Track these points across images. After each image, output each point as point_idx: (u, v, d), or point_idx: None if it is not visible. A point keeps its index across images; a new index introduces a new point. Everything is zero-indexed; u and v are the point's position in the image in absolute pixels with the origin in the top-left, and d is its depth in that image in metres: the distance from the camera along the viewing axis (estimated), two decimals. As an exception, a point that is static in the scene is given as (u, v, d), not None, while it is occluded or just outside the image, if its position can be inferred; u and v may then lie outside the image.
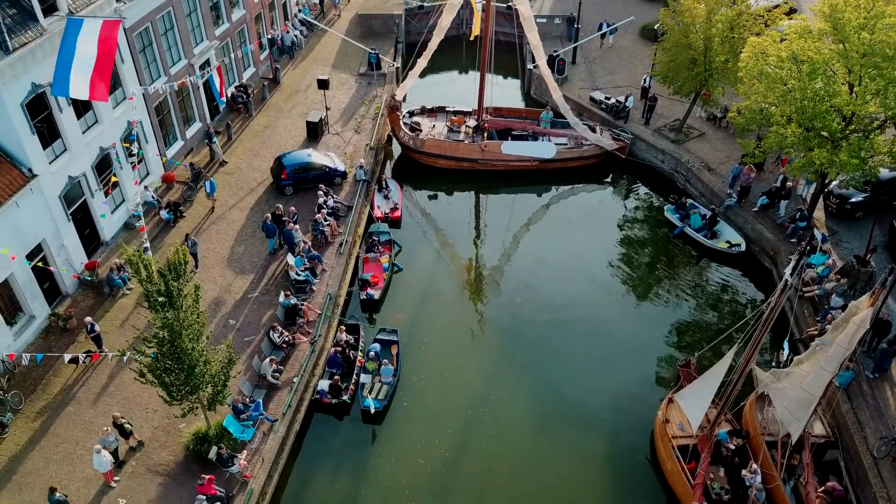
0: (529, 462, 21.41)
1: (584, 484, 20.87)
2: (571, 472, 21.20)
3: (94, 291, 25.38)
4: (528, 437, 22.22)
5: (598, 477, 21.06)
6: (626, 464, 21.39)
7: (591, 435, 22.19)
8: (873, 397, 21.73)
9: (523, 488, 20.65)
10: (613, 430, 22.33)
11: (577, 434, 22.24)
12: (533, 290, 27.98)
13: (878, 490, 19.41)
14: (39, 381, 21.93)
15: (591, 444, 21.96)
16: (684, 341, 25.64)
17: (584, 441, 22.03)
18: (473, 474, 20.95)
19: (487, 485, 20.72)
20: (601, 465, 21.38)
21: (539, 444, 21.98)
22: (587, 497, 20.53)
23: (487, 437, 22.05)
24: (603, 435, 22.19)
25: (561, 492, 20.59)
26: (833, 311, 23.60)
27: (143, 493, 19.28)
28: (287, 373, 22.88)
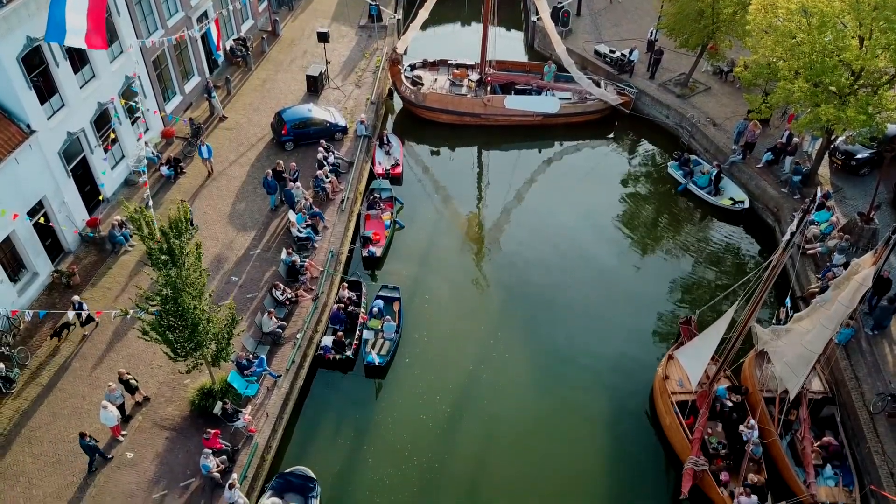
0: (530, 418, 21.70)
1: (583, 439, 21.19)
2: (571, 427, 21.50)
3: (96, 248, 25.41)
4: (529, 392, 22.48)
5: (598, 432, 21.37)
6: (625, 419, 21.69)
7: (591, 391, 22.45)
8: (872, 354, 21.89)
9: (524, 444, 20.98)
10: (613, 387, 22.57)
11: (578, 390, 22.49)
12: (535, 246, 27.97)
13: (872, 444, 19.70)
14: (45, 337, 22.12)
15: (591, 399, 22.22)
16: (685, 298, 25.73)
17: (583, 397, 22.30)
18: (474, 430, 21.27)
19: (488, 440, 21.04)
20: (601, 420, 21.67)
21: (539, 400, 22.25)
22: (587, 451, 20.86)
23: (488, 392, 22.32)
24: (603, 391, 22.44)
25: (561, 447, 20.91)
26: (835, 268, 23.61)
27: (150, 446, 19.63)
28: (290, 329, 23.04)
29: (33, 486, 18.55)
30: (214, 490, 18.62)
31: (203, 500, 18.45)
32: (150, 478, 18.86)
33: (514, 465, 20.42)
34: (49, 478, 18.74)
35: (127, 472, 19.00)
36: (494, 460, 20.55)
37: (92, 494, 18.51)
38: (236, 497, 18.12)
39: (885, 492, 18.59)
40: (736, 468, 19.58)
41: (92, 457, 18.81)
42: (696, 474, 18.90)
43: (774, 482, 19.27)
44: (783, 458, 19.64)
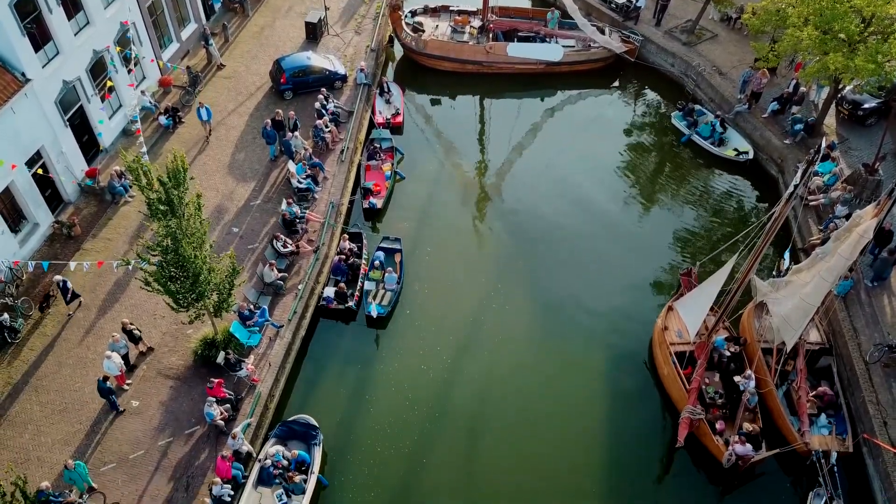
0: (529, 367, 21.95)
1: (581, 388, 21.47)
2: (570, 376, 21.76)
3: (96, 199, 25.34)
4: (529, 343, 22.69)
5: (596, 382, 21.62)
6: (623, 369, 21.93)
7: (590, 341, 22.65)
8: (870, 305, 21.98)
9: (523, 393, 21.28)
10: (612, 337, 22.76)
11: (577, 340, 22.69)
12: (536, 196, 27.85)
13: (867, 394, 19.95)
14: (47, 288, 22.25)
15: (590, 350, 22.44)
16: (686, 250, 25.73)
17: (582, 347, 22.51)
18: (474, 379, 21.54)
19: (488, 389, 21.33)
20: (599, 370, 21.91)
21: (539, 350, 22.46)
22: (585, 400, 21.16)
23: (489, 343, 22.53)
24: (602, 341, 22.64)
25: (559, 396, 21.21)
26: (837, 220, 23.52)
27: (155, 395, 19.94)
28: (291, 280, 23.14)
29: (41, 433, 18.92)
30: (219, 437, 19.00)
31: (207, 446, 18.83)
32: (156, 425, 19.22)
33: (513, 414, 20.75)
34: (56, 425, 19.10)
35: (133, 419, 19.35)
36: (494, 409, 20.86)
37: (100, 440, 18.88)
38: (240, 444, 18.50)
39: (877, 440, 18.92)
40: (732, 417, 19.88)
41: (111, 400, 19.13)
42: (693, 423, 19.20)
43: (769, 431, 19.59)
44: (778, 407, 19.92)
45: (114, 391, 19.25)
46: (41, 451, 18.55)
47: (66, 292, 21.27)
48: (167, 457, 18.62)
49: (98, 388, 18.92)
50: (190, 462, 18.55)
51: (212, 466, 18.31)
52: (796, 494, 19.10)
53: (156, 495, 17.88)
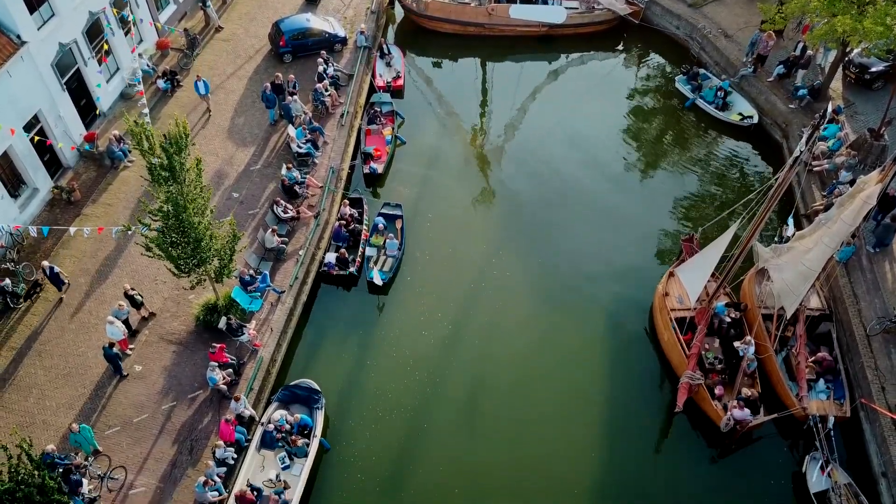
0: (530, 333, 22.03)
1: (582, 354, 21.57)
2: (570, 342, 21.86)
3: (95, 164, 25.19)
4: (529, 309, 22.74)
5: (596, 347, 21.71)
6: (623, 335, 22.00)
7: (591, 307, 22.68)
8: (871, 271, 21.94)
9: (523, 359, 21.38)
10: (613, 304, 22.79)
11: (578, 306, 22.73)
12: (538, 162, 27.66)
13: (866, 360, 20.04)
14: (48, 253, 22.26)
15: (591, 316, 22.49)
16: (688, 215, 25.62)
17: (583, 313, 22.56)
18: (475, 346, 21.63)
19: (488, 356, 21.43)
20: (600, 335, 21.99)
21: (539, 316, 22.52)
22: (585, 366, 21.27)
23: (489, 310, 22.56)
24: (603, 308, 22.68)
25: (560, 361, 21.32)
26: (841, 185, 23.38)
27: (158, 360, 20.07)
28: (292, 245, 23.12)
29: (46, 397, 19.10)
30: (221, 401, 19.17)
31: (211, 410, 19.02)
32: (159, 390, 19.38)
33: (513, 379, 20.88)
34: (61, 389, 19.27)
35: (136, 383, 19.51)
36: (494, 375, 20.99)
37: (104, 404, 19.07)
38: (242, 408, 18.67)
39: (874, 405, 19.05)
40: (731, 383, 20.00)
41: (116, 365, 19.28)
42: (692, 388, 19.33)
43: (768, 396, 19.72)
44: (777, 372, 20.03)
45: (120, 356, 19.37)
46: (46, 415, 18.74)
47: (55, 279, 20.94)
48: (171, 420, 18.82)
49: (105, 355, 19.03)
50: (193, 426, 18.76)
51: (215, 430, 18.51)
52: (793, 458, 19.30)
53: (160, 458, 18.11)
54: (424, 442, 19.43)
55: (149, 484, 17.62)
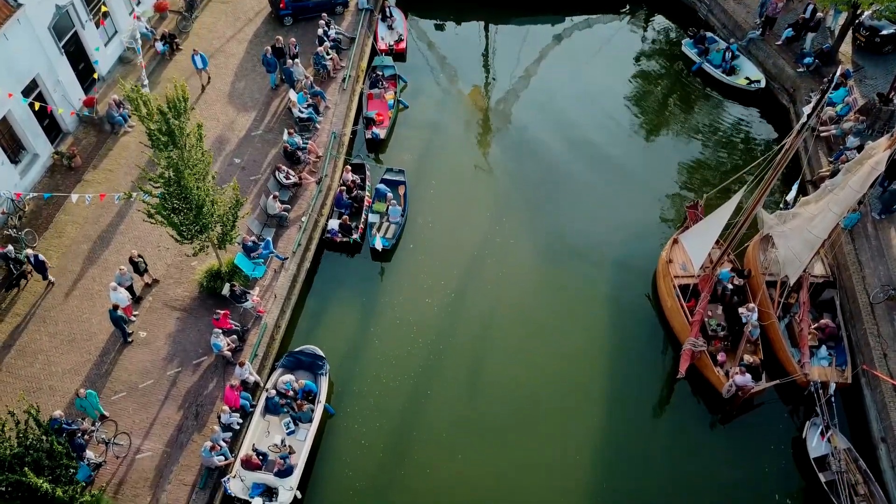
0: (532, 300, 22.03)
1: (584, 321, 21.60)
2: (573, 309, 21.87)
3: (95, 129, 24.97)
4: (532, 276, 22.71)
5: (599, 314, 21.73)
6: (626, 302, 21.99)
7: (594, 274, 22.65)
8: (877, 238, 21.83)
9: (526, 326, 21.41)
10: (616, 270, 22.75)
11: (581, 273, 22.69)
12: (542, 126, 27.40)
13: (868, 327, 20.06)
14: (50, 219, 22.20)
15: (594, 282, 22.46)
16: (693, 182, 25.44)
17: (586, 280, 22.52)
18: (478, 314, 21.64)
19: (491, 323, 21.46)
20: (602, 302, 21.99)
21: (543, 284, 22.50)
22: (587, 333, 21.32)
23: (492, 276, 22.53)
24: (606, 274, 22.64)
25: (562, 329, 21.35)
26: (848, 151, 23.14)
27: (162, 326, 20.13)
28: (295, 212, 23.03)
29: (51, 362, 19.21)
30: (226, 367, 19.28)
31: (216, 376, 19.14)
32: (164, 356, 19.47)
33: (516, 345, 20.95)
34: (66, 355, 19.37)
35: (141, 350, 19.60)
36: (496, 341, 21.05)
37: (109, 370, 19.19)
38: (247, 374, 18.79)
39: (876, 371, 19.12)
40: (733, 350, 20.05)
41: (122, 329, 19.35)
42: (694, 355, 19.39)
43: (770, 363, 19.80)
44: (780, 339, 20.06)
45: (125, 320, 19.42)
46: (52, 381, 18.87)
47: (40, 267, 20.46)
48: (176, 386, 18.95)
49: (110, 318, 19.08)
50: (199, 391, 18.89)
51: (220, 395, 18.65)
52: (793, 424, 19.45)
53: (166, 423, 18.28)
54: (428, 407, 19.58)
55: (155, 448, 17.82)
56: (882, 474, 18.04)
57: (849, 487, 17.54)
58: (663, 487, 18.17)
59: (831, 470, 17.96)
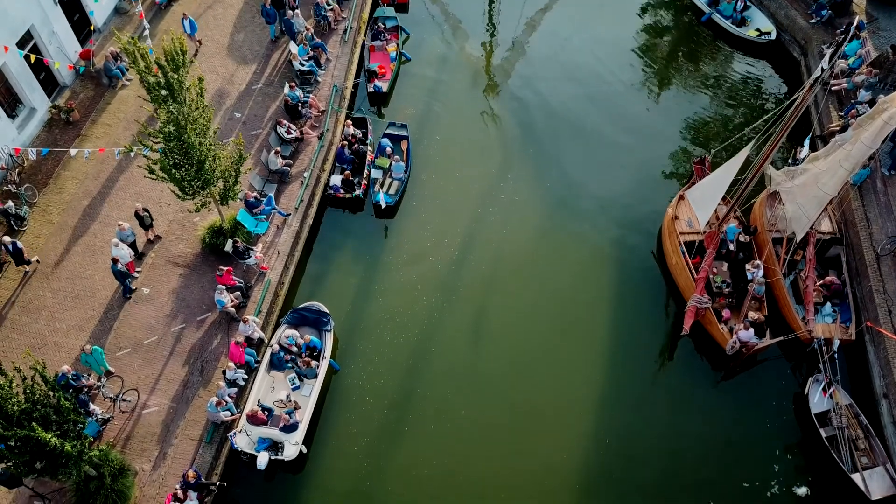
0: (537, 257, 21.93)
1: (589, 278, 21.52)
2: (578, 265, 21.78)
3: (92, 82, 24.51)
4: (537, 232, 22.55)
5: (604, 271, 21.65)
6: (631, 259, 21.89)
7: (598, 231, 22.50)
8: (885, 194, 21.60)
9: (530, 282, 21.36)
10: (621, 227, 22.59)
11: (586, 230, 22.54)
12: (547, 79, 26.89)
13: (874, 283, 19.99)
14: (50, 174, 21.95)
15: (599, 240, 22.32)
16: (700, 137, 25.08)
17: (591, 237, 22.38)
18: (482, 271, 21.54)
19: (496, 280, 21.38)
20: (607, 259, 21.89)
21: (547, 239, 22.37)
22: (592, 290, 21.26)
23: (497, 234, 22.37)
24: (611, 231, 22.49)
25: (567, 284, 21.31)
26: (859, 105, 22.74)
27: (165, 282, 20.08)
28: (297, 167, 22.76)
29: (56, 319, 19.22)
30: (230, 324, 19.30)
31: (220, 333, 19.17)
32: (168, 312, 19.47)
33: (520, 302, 20.93)
34: (70, 311, 19.36)
35: (145, 306, 19.59)
36: (501, 297, 21.02)
37: (113, 326, 19.21)
38: (251, 330, 18.81)
39: (880, 328, 19.12)
40: (738, 307, 20.03)
41: (123, 283, 19.33)
42: (699, 312, 19.37)
43: (774, 320, 19.80)
44: (785, 296, 20.02)
45: (127, 275, 19.36)
46: (57, 337, 18.91)
47: (17, 256, 19.57)
48: (181, 342, 18.99)
49: (112, 272, 19.01)
50: (203, 347, 18.94)
51: (225, 352, 18.71)
52: (796, 380, 19.55)
53: (172, 378, 18.38)
54: (432, 363, 19.65)
55: (161, 404, 17.95)
56: (883, 429, 18.21)
57: (849, 442, 17.73)
58: (665, 443, 18.36)
59: (832, 425, 18.13)
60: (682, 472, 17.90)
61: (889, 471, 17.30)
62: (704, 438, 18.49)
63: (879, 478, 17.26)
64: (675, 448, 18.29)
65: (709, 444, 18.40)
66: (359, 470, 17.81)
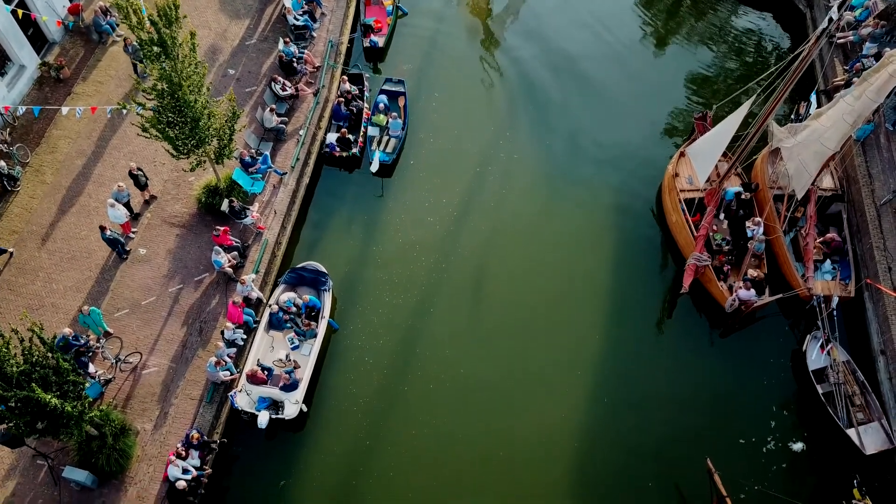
0: (537, 216, 21.77)
1: (588, 235, 21.41)
2: (577, 223, 21.64)
3: (82, 39, 23.96)
4: (536, 191, 22.34)
5: (603, 228, 21.52)
6: (631, 217, 21.75)
7: (598, 189, 22.29)
8: (889, 150, 21.35)
9: (529, 241, 21.24)
10: (621, 184, 22.38)
11: (585, 188, 22.33)
12: (547, 33, 26.37)
13: (875, 240, 19.91)
14: (42, 134, 21.62)
15: (599, 197, 22.13)
16: (702, 92, 24.68)
17: (591, 195, 22.18)
18: (481, 230, 21.39)
19: (494, 239, 21.25)
20: (607, 217, 21.73)
21: (546, 198, 22.16)
22: (590, 248, 21.16)
23: (495, 195, 22.14)
24: (611, 188, 22.29)
25: (566, 242, 21.20)
26: (864, 59, 22.32)
27: (162, 243, 19.94)
28: (292, 125, 22.42)
29: (52, 280, 19.12)
30: (228, 284, 19.22)
31: (218, 293, 19.11)
32: (165, 273, 19.37)
33: (519, 261, 20.84)
34: (66, 272, 19.26)
35: (141, 267, 19.48)
36: (499, 259, 20.91)
37: (111, 287, 19.13)
38: (249, 290, 18.74)
39: (879, 285, 19.10)
40: (738, 264, 19.95)
41: (116, 248, 19.19)
42: (698, 270, 19.31)
43: (774, 277, 19.75)
44: (785, 253, 19.94)
45: (119, 240, 19.21)
46: (54, 298, 18.85)
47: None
48: (179, 303, 18.94)
49: (103, 240, 18.85)
50: (202, 308, 18.90)
51: (223, 312, 18.68)
52: (794, 337, 19.59)
53: (171, 339, 18.38)
54: (431, 323, 19.64)
55: (161, 364, 17.98)
56: (879, 385, 18.32)
57: (845, 398, 17.85)
58: (663, 400, 18.47)
59: (829, 382, 18.24)
60: (678, 428, 18.04)
61: (884, 426, 17.46)
62: (702, 395, 18.60)
63: (874, 433, 17.44)
64: (673, 405, 18.40)
65: (706, 401, 18.51)
66: (358, 429, 17.94)
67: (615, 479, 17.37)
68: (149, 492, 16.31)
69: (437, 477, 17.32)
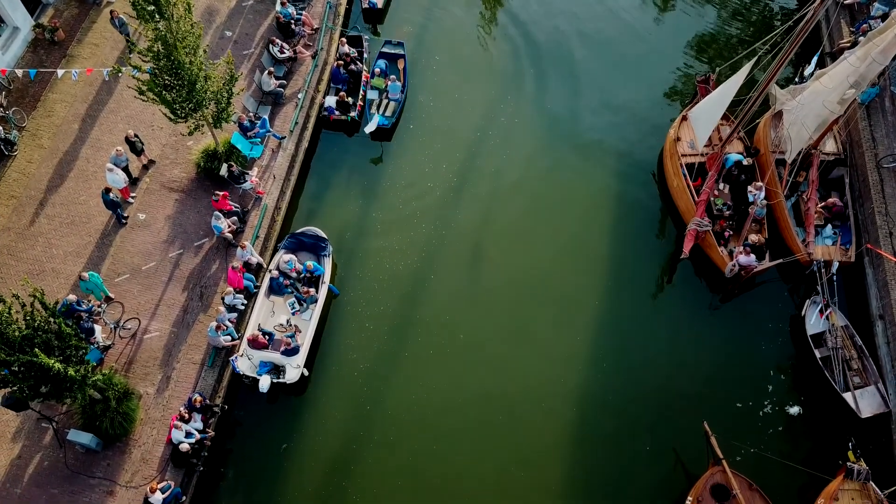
0: (537, 181, 21.65)
1: (589, 199, 21.32)
2: (578, 188, 21.55)
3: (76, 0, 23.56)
4: (537, 156, 22.18)
5: (604, 193, 21.43)
6: (632, 181, 21.63)
7: (599, 152, 22.14)
8: (893, 114, 21.15)
9: (530, 206, 21.17)
10: (622, 148, 22.22)
11: (587, 151, 22.17)
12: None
13: (877, 205, 19.86)
14: (38, 97, 21.38)
15: (599, 161, 21.99)
16: (705, 54, 24.34)
17: (592, 158, 22.05)
18: (481, 196, 21.29)
19: (494, 205, 21.16)
20: (607, 182, 21.62)
21: (547, 163, 22.03)
22: (591, 212, 21.09)
23: (496, 160, 22.00)
24: (612, 152, 22.13)
25: (567, 207, 21.14)
26: (872, 20, 21.98)
27: (161, 208, 19.87)
28: (291, 88, 22.17)
29: (52, 245, 19.11)
30: (228, 249, 19.21)
31: (218, 258, 19.11)
32: (165, 238, 19.34)
33: (520, 225, 20.80)
34: (66, 238, 19.24)
35: (141, 232, 19.45)
36: (499, 222, 20.87)
37: (111, 252, 19.13)
38: (249, 255, 18.74)
39: (880, 249, 19.08)
40: (739, 229, 19.90)
41: (115, 211, 19.15)
42: (699, 235, 19.26)
43: (774, 242, 19.72)
44: (786, 218, 19.88)
45: (119, 203, 19.15)
46: (55, 263, 18.85)
47: None
48: (179, 268, 18.95)
49: (103, 201, 18.80)
50: (202, 273, 18.92)
51: (223, 277, 18.71)
52: (793, 302, 19.64)
53: (171, 304, 18.43)
54: (431, 290, 19.66)
55: (162, 329, 18.07)
56: (877, 350, 18.43)
57: (842, 362, 17.97)
58: (663, 364, 18.60)
59: (827, 346, 18.33)
60: (676, 392, 18.19)
61: (880, 389, 17.61)
62: (700, 359, 18.73)
63: (870, 396, 17.59)
64: (671, 369, 18.54)
65: (704, 365, 18.65)
66: (359, 394, 18.10)
67: (613, 442, 17.58)
68: (153, 454, 16.53)
69: (436, 441, 17.53)
